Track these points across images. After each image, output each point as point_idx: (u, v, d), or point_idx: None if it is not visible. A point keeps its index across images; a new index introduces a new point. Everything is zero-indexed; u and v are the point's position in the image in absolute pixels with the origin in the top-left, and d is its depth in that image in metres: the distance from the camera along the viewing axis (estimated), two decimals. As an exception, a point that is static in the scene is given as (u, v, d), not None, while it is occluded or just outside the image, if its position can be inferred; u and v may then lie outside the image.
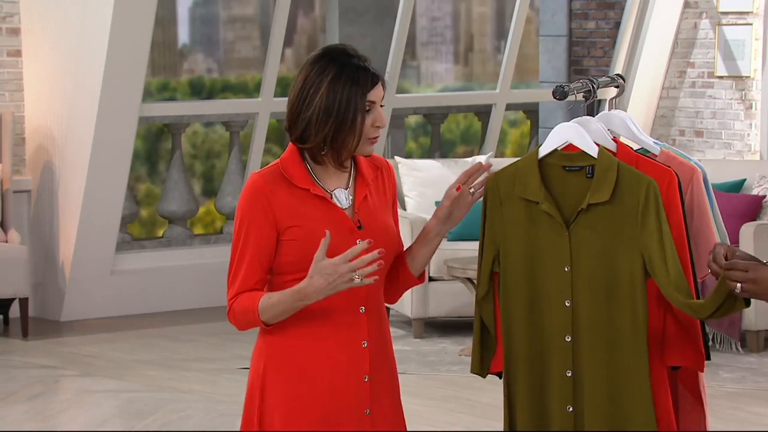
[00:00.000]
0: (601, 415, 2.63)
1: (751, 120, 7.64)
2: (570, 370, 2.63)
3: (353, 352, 2.56)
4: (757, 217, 6.50)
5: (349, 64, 2.54)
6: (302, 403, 2.54)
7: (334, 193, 2.57)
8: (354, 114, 2.52)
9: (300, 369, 2.55)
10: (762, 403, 5.21)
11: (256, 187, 2.54)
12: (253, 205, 2.53)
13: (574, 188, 2.62)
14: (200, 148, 10.93)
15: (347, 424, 2.55)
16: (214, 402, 5.31)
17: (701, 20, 7.82)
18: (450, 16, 11.55)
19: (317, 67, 2.54)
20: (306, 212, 2.54)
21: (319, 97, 2.52)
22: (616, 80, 2.96)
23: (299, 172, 2.56)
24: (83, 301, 6.78)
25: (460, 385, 5.37)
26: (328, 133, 2.52)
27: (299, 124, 2.54)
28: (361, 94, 2.52)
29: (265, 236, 2.53)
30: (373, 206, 2.61)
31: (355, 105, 2.51)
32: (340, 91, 2.52)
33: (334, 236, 2.52)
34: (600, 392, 2.63)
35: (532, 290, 2.66)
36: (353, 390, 2.55)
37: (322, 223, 2.54)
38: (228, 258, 2.65)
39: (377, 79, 2.56)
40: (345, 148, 2.54)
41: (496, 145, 7.98)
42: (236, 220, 2.57)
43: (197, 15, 11.41)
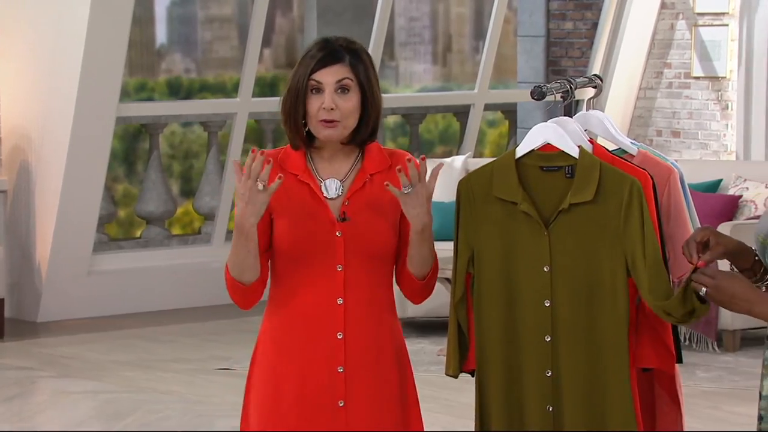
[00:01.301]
0: (581, 414, 2.62)
1: (727, 120, 7.70)
2: (549, 370, 2.63)
3: (327, 343, 2.55)
4: (734, 217, 6.53)
5: (315, 47, 2.54)
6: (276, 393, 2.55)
7: (324, 182, 2.55)
8: (297, 92, 2.51)
9: (276, 356, 2.56)
10: (739, 402, 5.22)
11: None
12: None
13: (553, 188, 2.61)
14: (178, 148, 10.92)
15: (320, 414, 2.53)
16: (192, 403, 5.30)
17: (678, 21, 7.87)
18: (428, 16, 11.58)
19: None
20: (289, 198, 2.53)
21: (288, 81, 2.57)
22: (593, 80, 2.96)
23: (296, 158, 2.55)
24: (60, 301, 6.77)
25: (437, 385, 5.38)
26: (286, 114, 2.54)
27: (282, 111, 2.57)
28: (304, 73, 2.51)
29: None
30: (368, 200, 2.56)
31: (301, 84, 2.51)
32: (296, 71, 2.54)
33: (310, 222, 2.52)
34: (580, 392, 2.62)
35: (508, 291, 2.64)
36: (324, 379, 2.54)
37: (301, 210, 2.53)
38: (206, 258, 2.67)
39: (330, 60, 2.52)
40: (298, 129, 2.53)
41: (474, 145, 8.01)
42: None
43: (175, 15, 11.40)
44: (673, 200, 2.75)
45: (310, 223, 2.53)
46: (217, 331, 6.64)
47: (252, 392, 2.59)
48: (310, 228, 2.52)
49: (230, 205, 7.38)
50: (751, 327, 6.08)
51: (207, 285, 7.13)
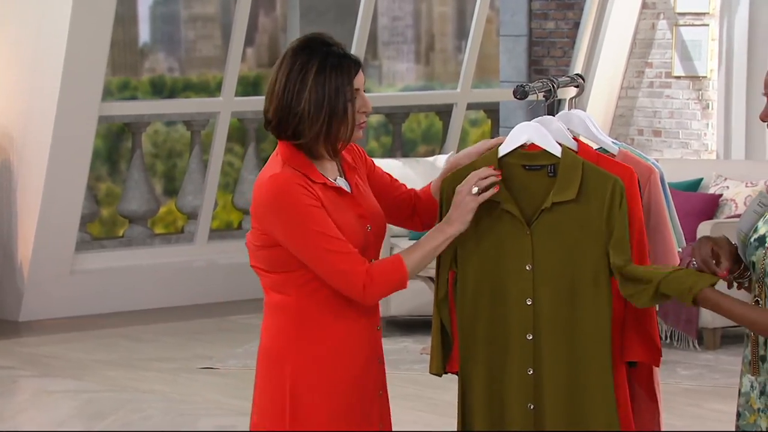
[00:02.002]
0: (562, 412, 2.63)
1: (707, 119, 7.73)
2: (531, 368, 2.64)
3: (371, 336, 2.62)
4: (714, 215, 6.56)
5: (331, 53, 2.53)
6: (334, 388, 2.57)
7: (337, 182, 2.60)
8: (344, 103, 2.52)
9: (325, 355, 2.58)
10: (719, 400, 5.24)
11: (292, 181, 2.51)
12: (300, 193, 2.50)
13: (535, 187, 2.62)
14: (161, 147, 10.91)
15: (369, 406, 2.61)
16: (174, 402, 5.30)
17: (659, 21, 7.90)
18: (411, 15, 11.60)
19: (299, 60, 2.52)
20: (330, 205, 2.54)
21: (307, 91, 2.51)
22: (575, 80, 2.97)
23: (309, 168, 2.55)
24: (42, 301, 6.76)
25: (421, 384, 5.40)
26: (322, 125, 2.52)
27: (290, 120, 2.53)
28: (347, 82, 2.52)
29: (325, 214, 2.53)
30: (363, 189, 2.64)
31: (344, 94, 2.52)
32: (327, 82, 2.51)
33: (352, 224, 2.57)
34: (561, 390, 2.63)
35: (490, 289, 2.66)
36: (373, 372, 2.62)
37: (345, 213, 2.56)
38: (189, 257, 2.66)
39: (359, 65, 2.57)
40: (339, 138, 2.55)
41: (457, 144, 8.02)
42: (287, 219, 2.51)
43: (158, 14, 11.38)
44: (654, 200, 2.75)
45: (356, 225, 2.58)
46: (199, 330, 6.65)
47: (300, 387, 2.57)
48: (357, 230, 2.57)
49: (213, 204, 7.38)
50: (732, 326, 6.09)
51: (190, 284, 7.16)
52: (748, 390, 2.47)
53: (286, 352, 2.57)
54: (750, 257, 2.46)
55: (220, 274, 7.24)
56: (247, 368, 5.81)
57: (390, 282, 2.52)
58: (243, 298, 7.16)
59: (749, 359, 2.46)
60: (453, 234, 2.57)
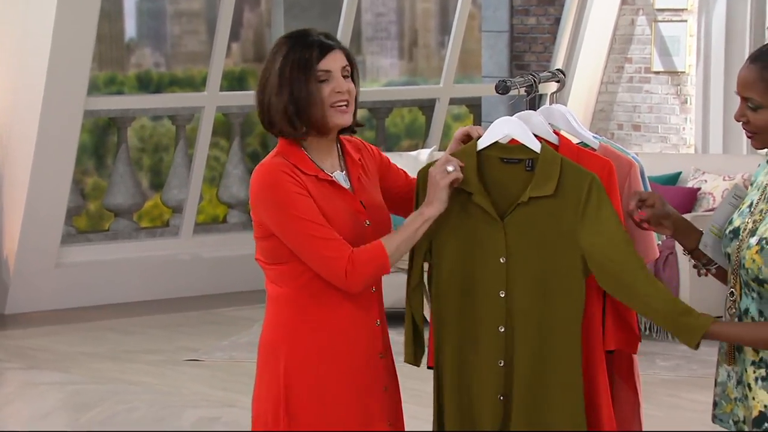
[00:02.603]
0: (530, 404, 2.64)
1: (686, 114, 7.77)
2: (502, 360, 2.65)
3: (369, 330, 2.62)
4: (693, 208, 6.61)
5: (300, 41, 2.54)
6: (327, 382, 2.59)
7: (334, 176, 2.60)
8: (306, 85, 2.51)
9: (318, 348, 2.59)
10: (696, 390, 5.30)
11: (279, 169, 2.52)
12: (287, 181, 2.52)
13: (512, 180, 2.63)
14: (147, 141, 10.91)
15: (369, 401, 2.61)
16: (160, 394, 5.33)
17: (638, 17, 7.93)
18: (394, 11, 11.63)
19: (272, 51, 2.56)
20: (322, 196, 2.56)
21: (271, 78, 2.52)
22: (556, 75, 2.97)
23: (302, 160, 2.56)
24: (28, 294, 6.77)
25: (404, 375, 5.45)
26: (287, 110, 2.52)
27: (264, 111, 2.55)
28: (308, 64, 2.51)
29: (312, 203, 2.53)
30: (367, 185, 2.65)
31: (306, 76, 2.51)
32: (289, 67, 2.51)
33: (346, 217, 2.56)
34: (530, 381, 2.64)
35: (464, 281, 2.66)
36: (373, 368, 2.62)
37: (337, 205, 2.57)
38: (174, 250, 2.68)
39: (328, 47, 2.54)
40: (314, 118, 2.53)
41: (440, 138, 8.04)
42: (275, 206, 2.52)
43: (144, 9, 11.39)
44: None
45: (348, 219, 2.58)
46: (185, 322, 6.65)
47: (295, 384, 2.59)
48: (349, 224, 2.58)
49: (198, 198, 7.39)
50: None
51: (175, 277, 7.17)
52: (725, 380, 2.49)
53: (281, 343, 2.60)
54: (725, 249, 2.48)
55: (205, 267, 7.26)
56: (232, 360, 5.85)
57: (372, 267, 2.53)
58: (228, 290, 7.20)
59: (725, 350, 2.48)
60: (432, 215, 2.56)
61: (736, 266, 2.43)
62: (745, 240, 2.41)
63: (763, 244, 2.36)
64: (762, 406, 2.39)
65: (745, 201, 2.49)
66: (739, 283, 2.43)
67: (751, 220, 2.43)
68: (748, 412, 2.41)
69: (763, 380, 2.39)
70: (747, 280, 2.40)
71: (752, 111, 2.37)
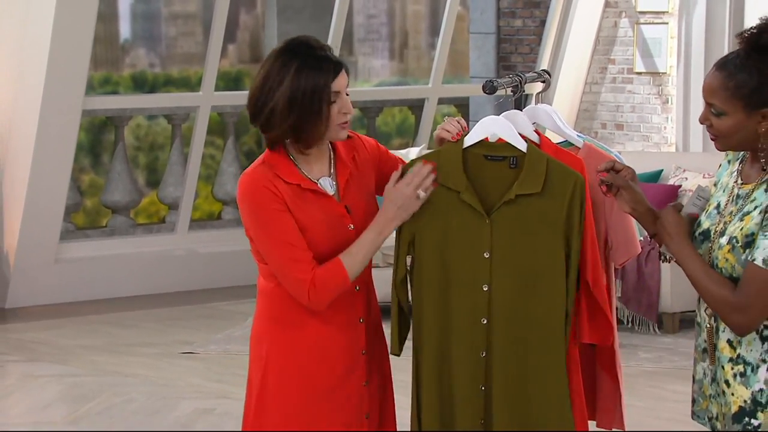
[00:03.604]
0: (510, 395, 2.66)
1: (667, 114, 7.81)
2: (484, 351, 2.67)
3: (351, 329, 2.66)
4: None
5: (311, 55, 2.57)
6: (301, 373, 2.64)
7: (319, 182, 2.63)
8: (319, 104, 2.56)
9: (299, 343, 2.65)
10: (678, 381, 5.33)
11: (260, 183, 2.56)
12: (265, 196, 2.56)
13: (496, 177, 2.65)
14: (143, 140, 10.96)
15: (348, 396, 2.65)
16: (156, 386, 5.36)
17: (621, 19, 7.97)
18: (385, 13, 11.70)
19: (280, 60, 2.57)
20: (302, 205, 2.59)
21: (283, 88, 2.55)
22: (542, 75, 2.99)
23: (286, 168, 2.60)
24: (27, 288, 6.78)
25: (393, 367, 5.58)
26: (292, 122, 2.56)
27: (263, 113, 2.58)
28: (324, 84, 2.56)
29: (289, 218, 2.57)
30: (356, 188, 2.67)
31: (320, 96, 2.56)
32: (304, 82, 2.55)
33: (328, 224, 2.59)
34: (512, 373, 2.66)
35: (446, 274, 2.67)
36: (351, 364, 2.65)
37: (318, 214, 2.60)
38: (170, 246, 2.74)
39: (340, 67, 2.60)
40: (312, 136, 2.58)
41: (429, 137, 8.03)
42: (253, 219, 2.57)
43: (138, 11, 11.46)
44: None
45: (328, 227, 2.60)
46: (180, 316, 6.67)
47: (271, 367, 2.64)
48: (330, 231, 2.61)
49: (193, 195, 7.40)
50: (690, 310, 6.18)
51: (171, 272, 7.19)
52: (702, 377, 2.52)
53: (266, 335, 2.66)
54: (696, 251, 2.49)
55: (200, 263, 7.28)
56: (227, 353, 5.88)
57: (332, 286, 2.57)
58: (222, 285, 7.22)
59: (703, 347, 2.51)
60: (391, 232, 2.61)
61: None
62: (715, 241, 2.45)
63: (733, 242, 2.40)
64: (741, 402, 2.42)
65: (712, 203, 2.52)
66: None
67: (721, 222, 2.46)
68: (726, 408, 2.44)
69: (741, 376, 2.42)
70: None
71: (715, 116, 2.43)
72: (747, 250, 2.38)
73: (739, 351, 2.43)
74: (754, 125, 2.41)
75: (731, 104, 2.41)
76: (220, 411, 5.02)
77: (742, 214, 2.43)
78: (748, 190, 2.45)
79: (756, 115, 2.41)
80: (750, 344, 2.42)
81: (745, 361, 2.42)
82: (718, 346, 2.46)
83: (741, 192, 2.47)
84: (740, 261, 2.39)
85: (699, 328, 2.55)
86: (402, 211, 2.60)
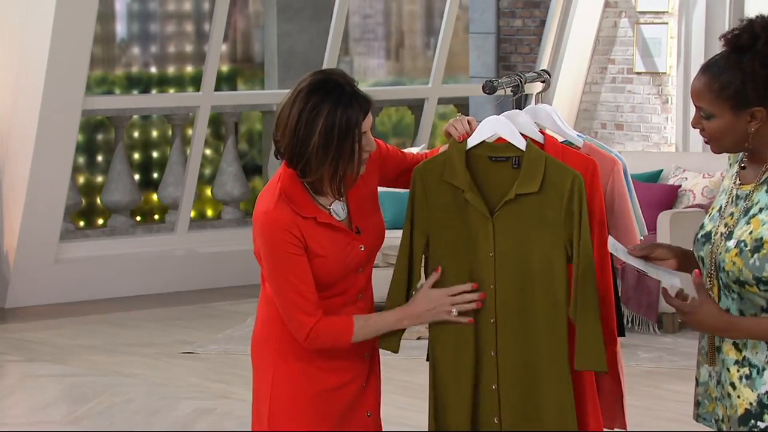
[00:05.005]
0: (518, 394, 2.69)
1: (667, 114, 7.82)
2: (494, 350, 2.70)
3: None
4: (673, 205, 6.68)
5: (343, 96, 2.56)
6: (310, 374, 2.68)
7: (332, 209, 2.66)
8: (352, 145, 2.57)
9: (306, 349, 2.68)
10: (677, 381, 5.35)
11: (281, 226, 2.59)
12: (285, 240, 2.59)
13: (500, 178, 2.67)
14: (143, 140, 10.95)
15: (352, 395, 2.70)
16: (156, 385, 5.37)
17: (621, 19, 7.99)
18: (381, 13, 11.73)
19: (312, 100, 2.56)
20: (316, 236, 2.62)
21: (317, 133, 2.55)
22: (542, 75, 3.00)
23: (302, 200, 2.62)
24: (27, 288, 6.78)
25: (394, 367, 5.50)
26: (329, 165, 2.58)
27: (300, 158, 2.58)
28: (355, 125, 2.57)
29: (304, 261, 2.61)
30: (364, 208, 2.70)
31: (352, 137, 2.57)
32: (338, 125, 2.56)
33: (341, 251, 2.62)
34: (518, 372, 2.69)
35: (460, 275, 2.70)
36: (357, 365, 2.71)
37: (332, 244, 2.63)
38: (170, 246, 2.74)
39: (369, 105, 2.60)
40: (348, 177, 2.61)
41: (429, 137, 8.06)
42: (269, 256, 2.61)
43: (134, 11, 11.46)
44: (617, 191, 2.81)
45: (341, 255, 2.64)
46: (180, 316, 6.67)
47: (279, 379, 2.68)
48: (342, 258, 2.64)
49: (193, 195, 7.39)
50: None
51: (170, 272, 7.19)
52: (707, 380, 2.51)
53: (271, 339, 2.69)
54: (698, 253, 2.49)
55: (200, 263, 7.29)
56: (226, 353, 5.88)
57: (332, 342, 2.63)
58: (222, 285, 7.22)
59: (706, 350, 2.50)
60: (408, 326, 2.66)
61: (713, 269, 2.46)
62: (719, 243, 2.44)
63: (741, 246, 2.39)
64: (747, 404, 2.41)
65: (714, 205, 2.52)
66: (718, 285, 2.45)
67: (722, 224, 2.46)
68: (732, 410, 2.44)
69: (747, 378, 2.42)
70: (727, 282, 2.43)
71: (705, 119, 2.44)
72: (755, 254, 2.39)
73: (744, 353, 2.43)
74: (744, 125, 2.43)
75: (718, 106, 2.42)
76: (220, 411, 5.03)
77: (748, 217, 2.44)
78: (748, 191, 2.47)
79: (744, 114, 2.42)
80: (756, 347, 2.42)
81: (750, 363, 2.42)
82: (723, 349, 2.46)
83: (740, 192, 2.48)
84: (748, 264, 2.40)
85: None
86: (430, 315, 2.66)
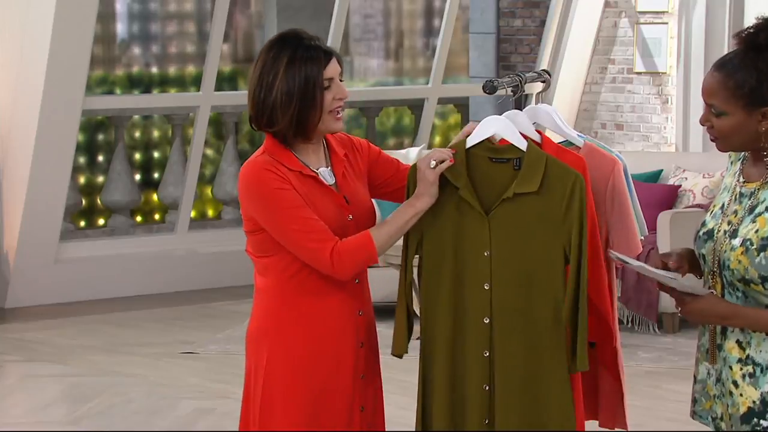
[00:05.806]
0: (515, 395, 2.67)
1: (667, 114, 7.84)
2: (487, 351, 2.68)
3: (351, 320, 2.69)
4: (673, 205, 6.69)
5: (302, 45, 2.63)
6: (304, 368, 2.67)
7: (319, 171, 2.68)
8: (313, 91, 2.60)
9: (301, 337, 2.67)
10: (677, 381, 5.36)
11: (263, 167, 2.61)
12: (269, 177, 2.60)
13: (499, 178, 2.66)
14: (143, 140, 10.96)
15: (346, 388, 2.69)
16: (156, 385, 5.38)
17: (621, 19, 8.01)
18: (381, 13, 11.75)
19: (272, 53, 2.63)
20: (304, 191, 2.64)
21: (279, 81, 2.60)
22: (542, 75, 3.00)
23: (288, 158, 2.65)
24: (27, 288, 6.80)
25: (393, 367, 5.55)
26: (293, 112, 2.61)
27: (264, 110, 2.63)
28: (317, 72, 2.61)
29: (296, 194, 2.61)
30: (351, 181, 2.72)
31: (314, 82, 2.60)
32: (297, 71, 2.60)
33: (329, 212, 2.64)
34: (515, 373, 2.67)
35: (452, 273, 2.69)
36: (351, 356, 2.69)
37: (320, 201, 2.65)
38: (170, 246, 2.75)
39: (330, 55, 2.65)
40: (309, 125, 2.63)
41: (429, 136, 8.07)
42: (260, 202, 2.61)
43: (135, 11, 11.48)
44: (617, 190, 2.80)
45: (331, 213, 2.65)
46: (180, 316, 6.69)
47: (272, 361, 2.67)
48: (333, 218, 2.65)
49: (193, 195, 7.42)
50: None
51: (170, 272, 7.20)
52: (705, 377, 2.52)
53: (266, 332, 2.68)
54: (699, 250, 2.50)
55: (200, 263, 7.30)
56: (226, 353, 5.90)
57: (358, 258, 2.61)
58: (222, 285, 7.23)
59: (706, 348, 2.50)
60: (422, 208, 2.63)
61: (716, 267, 2.47)
62: (724, 241, 2.44)
63: (747, 245, 2.40)
64: (750, 402, 2.41)
65: (716, 203, 2.53)
66: (721, 283, 2.46)
67: (725, 221, 2.46)
68: (734, 408, 2.44)
69: (750, 377, 2.42)
70: (732, 280, 2.43)
71: (715, 117, 2.44)
72: (762, 252, 2.39)
73: (748, 352, 2.43)
74: (755, 124, 2.43)
75: (731, 104, 2.42)
76: (220, 411, 5.04)
77: (754, 215, 2.44)
78: (753, 189, 2.46)
79: (756, 113, 2.42)
80: (759, 345, 2.43)
81: (754, 362, 2.42)
82: (726, 347, 2.46)
83: (744, 190, 2.48)
84: (754, 263, 2.40)
85: (703, 328, 2.55)
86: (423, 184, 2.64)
